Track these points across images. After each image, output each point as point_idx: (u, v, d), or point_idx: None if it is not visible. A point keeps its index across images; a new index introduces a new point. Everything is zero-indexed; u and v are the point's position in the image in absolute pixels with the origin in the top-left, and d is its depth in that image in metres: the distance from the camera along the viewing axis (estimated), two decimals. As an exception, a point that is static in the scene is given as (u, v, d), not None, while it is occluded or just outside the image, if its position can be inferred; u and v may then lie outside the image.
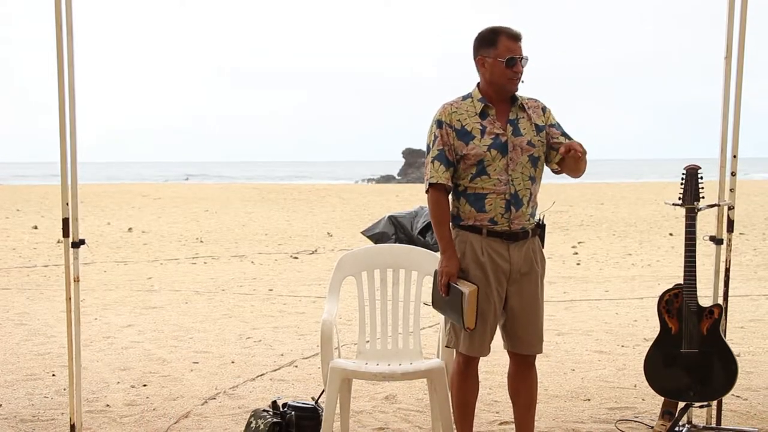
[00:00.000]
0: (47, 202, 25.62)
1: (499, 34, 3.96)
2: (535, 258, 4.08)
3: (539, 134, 4.04)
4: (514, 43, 3.96)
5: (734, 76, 4.77)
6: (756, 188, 31.57)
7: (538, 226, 4.11)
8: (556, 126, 4.10)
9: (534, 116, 4.07)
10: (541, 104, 4.12)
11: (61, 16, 4.50)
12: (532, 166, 4.03)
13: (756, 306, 8.96)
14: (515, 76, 3.97)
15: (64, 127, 4.56)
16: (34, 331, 7.78)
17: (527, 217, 4.04)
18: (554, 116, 4.13)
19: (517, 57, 3.95)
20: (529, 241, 4.06)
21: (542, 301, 4.13)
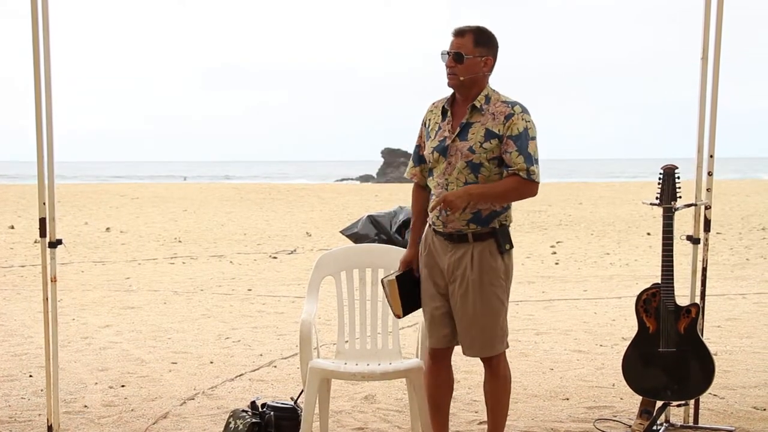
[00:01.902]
0: (24, 202, 25.45)
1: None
2: (474, 263, 3.95)
3: (489, 141, 3.89)
4: (452, 38, 3.99)
5: (710, 77, 4.80)
6: (733, 188, 31.82)
7: (491, 233, 3.97)
8: (515, 138, 3.88)
9: (491, 122, 3.92)
10: (510, 111, 3.91)
11: (37, 13, 4.47)
12: (471, 172, 3.93)
13: (733, 305, 9.03)
14: (447, 71, 3.98)
15: (40, 127, 4.54)
16: (10, 331, 7.73)
17: (464, 222, 3.96)
18: (521, 128, 3.88)
19: (443, 52, 3.97)
20: (473, 245, 3.96)
21: (485, 306, 3.97)
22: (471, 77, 3.95)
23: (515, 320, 8.32)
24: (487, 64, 3.99)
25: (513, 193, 3.91)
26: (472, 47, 3.94)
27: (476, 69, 3.95)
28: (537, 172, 3.89)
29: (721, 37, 4.74)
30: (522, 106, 3.96)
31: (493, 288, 3.98)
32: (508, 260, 4.02)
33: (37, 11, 4.47)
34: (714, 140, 4.84)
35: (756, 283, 10.75)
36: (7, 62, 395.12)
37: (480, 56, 3.95)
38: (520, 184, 3.88)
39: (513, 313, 8.72)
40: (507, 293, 4.05)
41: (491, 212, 3.96)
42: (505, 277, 4.02)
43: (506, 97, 4.00)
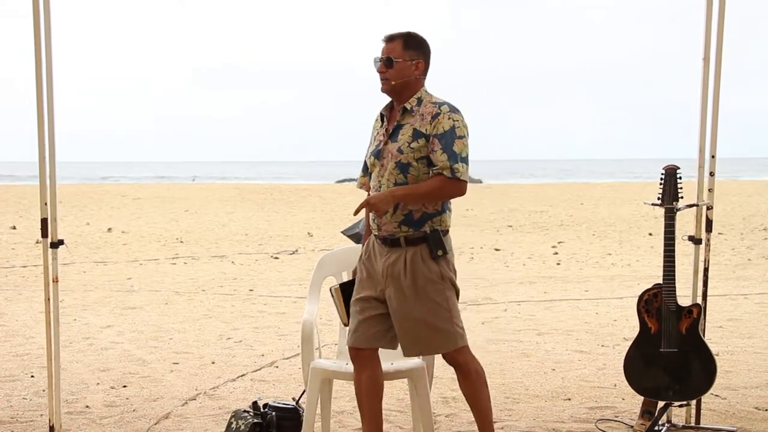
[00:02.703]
0: (25, 202, 25.46)
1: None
2: (407, 269, 3.95)
3: (416, 141, 3.91)
4: (382, 45, 4.05)
5: (712, 78, 4.80)
6: (734, 188, 31.81)
7: (423, 238, 3.96)
8: (440, 137, 3.88)
9: (419, 122, 3.94)
10: (437, 111, 3.93)
11: (38, 13, 4.48)
12: (401, 173, 3.94)
13: (734, 305, 9.02)
14: (380, 77, 4.03)
15: (42, 127, 4.54)
16: (12, 332, 7.73)
17: (396, 225, 3.97)
18: (447, 127, 3.89)
19: (375, 59, 4.03)
20: (405, 249, 3.96)
21: (423, 310, 3.96)
22: (402, 81, 4.00)
23: (517, 320, 8.33)
24: (419, 67, 4.02)
25: (437, 192, 3.90)
26: (401, 51, 4.00)
27: (407, 72, 4.00)
28: (462, 171, 3.87)
29: (723, 37, 4.74)
30: (450, 106, 3.97)
31: (428, 293, 3.96)
32: (444, 264, 3.99)
33: (39, 11, 4.48)
34: (716, 140, 4.84)
35: (758, 283, 10.75)
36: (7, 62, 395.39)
37: (410, 60, 4.00)
38: (445, 183, 3.87)
39: (515, 313, 8.73)
40: (449, 292, 4.01)
41: (423, 214, 3.95)
42: (440, 280, 3.98)
43: (438, 98, 4.03)
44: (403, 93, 4.02)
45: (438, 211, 3.98)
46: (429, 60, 4.08)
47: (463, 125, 3.95)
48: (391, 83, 4.00)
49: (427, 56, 4.07)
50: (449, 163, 3.86)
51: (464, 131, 3.94)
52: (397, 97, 4.04)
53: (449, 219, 4.05)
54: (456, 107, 3.98)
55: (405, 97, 4.02)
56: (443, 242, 3.99)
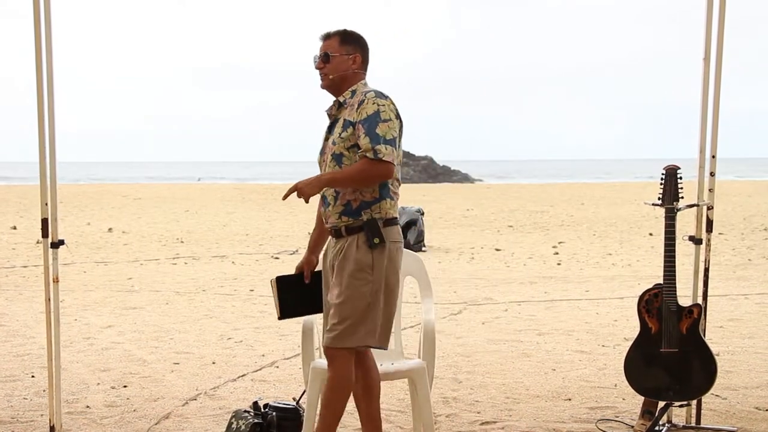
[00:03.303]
0: (26, 203, 25.46)
1: None
2: (342, 254, 3.97)
3: (345, 130, 3.97)
4: (320, 43, 4.11)
5: (713, 78, 4.80)
6: (735, 188, 31.81)
7: (361, 226, 3.95)
8: (363, 122, 3.91)
9: (348, 112, 4.00)
10: (363, 98, 3.96)
11: (39, 14, 4.48)
12: (336, 164, 4.00)
13: (735, 305, 9.02)
14: (319, 74, 4.09)
15: (42, 127, 4.54)
16: (13, 332, 7.73)
17: (337, 215, 4.01)
18: (371, 111, 3.91)
19: (314, 57, 4.09)
20: (347, 239, 3.98)
21: (343, 296, 3.93)
22: (340, 75, 4.05)
23: (517, 321, 8.33)
24: (356, 61, 4.07)
25: (362, 174, 3.90)
26: (338, 46, 4.06)
27: (344, 66, 4.05)
28: (385, 152, 3.86)
29: (723, 37, 4.74)
30: (377, 92, 3.98)
31: (356, 281, 3.92)
32: (379, 256, 3.94)
33: (39, 11, 4.48)
34: (716, 141, 4.84)
35: (758, 283, 10.75)
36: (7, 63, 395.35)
37: (347, 54, 4.06)
38: (368, 165, 3.88)
39: (515, 313, 8.73)
40: (376, 287, 3.93)
41: (361, 203, 3.97)
42: (371, 272, 3.92)
43: (369, 88, 4.06)
44: (342, 87, 4.07)
45: (376, 198, 3.97)
46: (367, 55, 4.14)
47: (390, 110, 3.95)
48: (329, 78, 4.06)
49: (365, 51, 4.12)
50: (371, 144, 3.86)
51: (390, 115, 3.93)
52: (336, 91, 4.09)
53: (390, 207, 4.00)
54: (384, 94, 3.99)
55: (342, 92, 4.07)
56: (381, 231, 3.94)
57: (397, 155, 3.96)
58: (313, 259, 4.34)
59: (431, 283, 4.84)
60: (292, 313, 4.32)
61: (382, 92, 4.01)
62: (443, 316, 8.47)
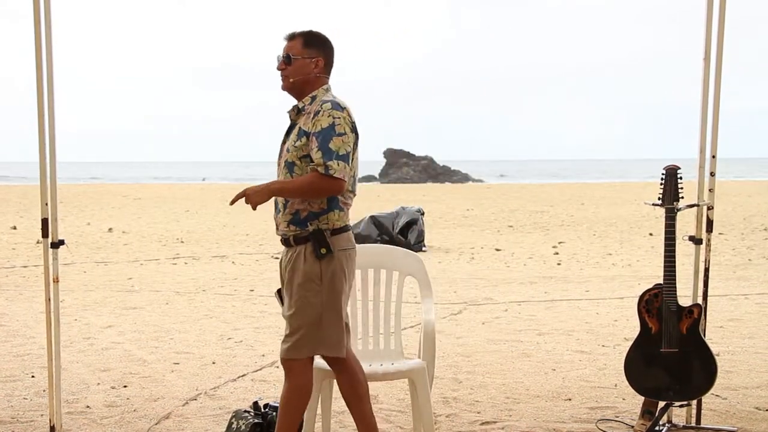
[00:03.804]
0: (26, 203, 25.47)
1: None
2: (291, 265, 3.95)
3: (300, 139, 3.90)
4: (284, 43, 4.04)
5: (713, 78, 4.80)
6: (735, 188, 31.81)
7: (308, 237, 3.92)
8: (317, 135, 3.84)
9: (304, 120, 3.94)
10: (319, 108, 3.90)
11: (39, 14, 4.48)
12: (288, 172, 3.96)
13: (735, 305, 9.02)
14: (280, 75, 4.03)
15: (42, 127, 4.54)
16: (13, 332, 7.73)
17: (285, 224, 3.99)
18: (326, 124, 3.84)
19: (277, 57, 4.02)
20: (295, 248, 3.96)
21: (293, 308, 3.93)
22: (301, 78, 3.99)
23: (517, 321, 8.33)
24: (318, 65, 4.00)
25: (311, 187, 3.85)
26: (301, 48, 3.99)
27: (306, 70, 3.98)
28: (337, 168, 3.80)
29: (723, 37, 4.74)
30: (334, 103, 3.90)
31: (305, 292, 3.91)
32: (327, 265, 3.91)
33: (39, 11, 4.48)
34: (716, 141, 4.83)
35: (758, 283, 10.75)
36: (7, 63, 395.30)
37: (310, 57, 3.99)
38: (318, 179, 3.82)
39: (515, 313, 8.73)
40: (326, 297, 3.91)
41: (308, 213, 3.93)
42: (320, 282, 3.90)
43: (328, 97, 3.97)
44: (303, 91, 4.01)
45: (324, 209, 3.93)
46: (331, 58, 4.05)
47: (346, 123, 3.88)
48: (290, 80, 4.00)
49: (329, 54, 4.04)
50: (323, 160, 3.81)
51: (345, 129, 3.87)
52: (297, 95, 4.03)
53: (338, 218, 3.95)
54: (341, 105, 3.91)
55: (304, 96, 4.01)
56: (328, 241, 3.91)
57: (351, 169, 3.91)
58: None
59: (431, 283, 4.84)
60: None
61: (339, 103, 3.92)
62: (443, 316, 8.48)
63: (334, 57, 4.07)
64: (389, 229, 15.10)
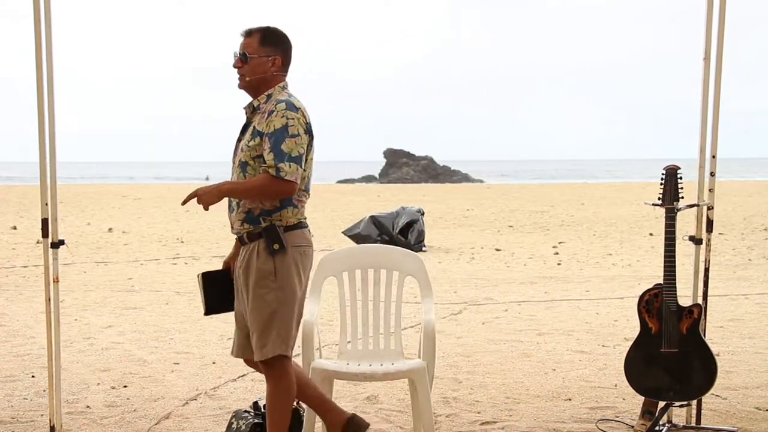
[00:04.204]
0: (26, 203, 25.47)
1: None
2: (245, 264, 3.95)
3: (253, 139, 3.87)
4: (241, 39, 3.99)
5: (713, 78, 4.80)
6: (735, 188, 31.81)
7: (260, 233, 3.91)
8: (270, 136, 3.81)
9: (259, 120, 3.90)
10: (273, 108, 3.86)
11: (39, 14, 4.48)
12: (241, 172, 3.93)
13: (735, 305, 9.02)
14: (237, 73, 3.99)
15: (42, 127, 4.54)
16: (13, 332, 7.73)
17: (239, 222, 3.96)
18: (279, 125, 3.82)
19: (234, 53, 3.97)
20: (249, 246, 3.95)
21: (252, 308, 3.92)
22: (258, 77, 3.95)
23: (517, 321, 8.33)
24: (275, 63, 3.96)
25: (261, 190, 3.83)
26: (257, 46, 3.94)
27: (263, 69, 3.94)
28: (288, 171, 3.78)
29: (723, 37, 4.74)
30: (289, 104, 3.86)
31: (260, 289, 3.90)
32: (281, 261, 3.90)
33: (39, 11, 4.48)
34: (716, 141, 4.83)
35: (758, 283, 10.75)
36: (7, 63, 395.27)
37: (267, 56, 3.94)
38: (269, 181, 3.80)
39: (515, 313, 8.73)
40: (281, 294, 3.90)
41: (261, 211, 3.91)
42: (275, 278, 3.89)
43: (284, 96, 3.94)
44: (260, 89, 3.97)
45: (276, 207, 3.90)
46: (289, 56, 4.01)
47: (299, 124, 3.84)
48: (246, 79, 3.96)
49: (286, 52, 4.00)
50: (275, 162, 3.78)
51: (299, 130, 3.84)
52: (254, 93, 3.99)
53: (292, 215, 3.95)
54: (296, 106, 3.87)
55: (260, 94, 3.97)
56: (281, 237, 3.89)
57: (304, 170, 3.89)
58: (236, 255, 4.23)
59: (431, 283, 4.84)
60: (218, 309, 4.27)
61: (294, 103, 3.88)
62: (443, 316, 8.47)
63: (291, 54, 4.04)
64: (389, 229, 15.10)
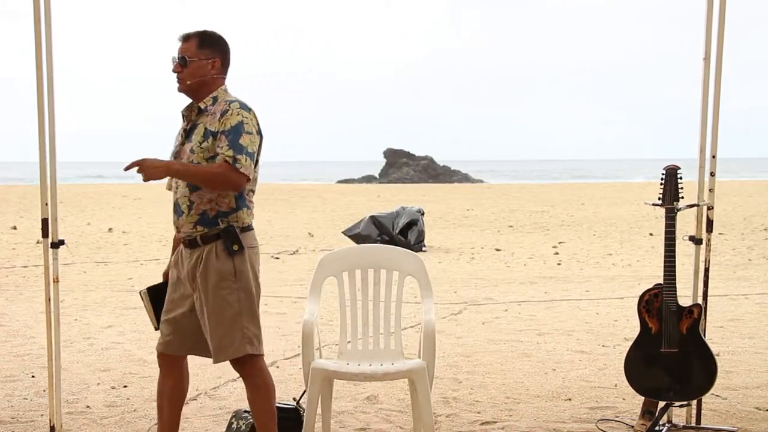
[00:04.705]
0: (26, 203, 25.47)
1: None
2: (202, 267, 3.92)
3: (206, 140, 3.87)
4: (179, 44, 4.00)
5: (713, 78, 4.80)
6: (735, 188, 31.80)
7: (217, 235, 3.92)
8: (227, 133, 3.83)
9: (210, 121, 3.90)
10: (227, 108, 3.89)
11: (39, 14, 4.48)
12: None
13: (735, 305, 9.02)
14: (176, 78, 3.99)
15: (42, 127, 4.54)
16: (13, 332, 7.73)
17: (191, 225, 3.94)
18: (235, 122, 3.84)
19: (172, 58, 3.99)
20: (203, 248, 3.93)
21: (215, 310, 3.92)
22: (198, 80, 3.95)
23: (517, 321, 8.33)
24: (215, 66, 3.98)
25: (215, 178, 3.81)
26: (196, 50, 3.96)
27: (203, 71, 3.95)
28: (244, 164, 3.79)
29: (723, 37, 4.74)
30: (241, 103, 3.91)
31: (221, 291, 3.90)
32: (240, 261, 3.92)
33: (39, 11, 4.48)
34: (716, 141, 4.83)
35: (758, 283, 10.75)
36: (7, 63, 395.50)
37: (206, 59, 3.96)
38: (223, 169, 3.79)
39: (515, 313, 8.73)
40: (243, 293, 3.93)
41: (217, 212, 3.91)
42: (236, 279, 3.91)
43: (231, 96, 3.98)
44: (200, 92, 3.98)
45: (233, 208, 3.92)
46: (227, 58, 4.04)
47: (253, 124, 3.89)
48: (186, 83, 3.96)
49: (225, 54, 4.03)
50: (233, 152, 3.79)
51: (253, 129, 3.88)
52: (195, 96, 3.99)
53: (247, 216, 3.97)
54: (248, 106, 3.92)
55: (202, 97, 3.98)
56: (239, 238, 3.91)
57: (255, 171, 3.92)
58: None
59: (431, 283, 4.84)
60: None
61: (246, 104, 3.93)
62: (443, 316, 8.48)
63: (230, 56, 4.06)
64: (389, 229, 15.10)
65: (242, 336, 3.93)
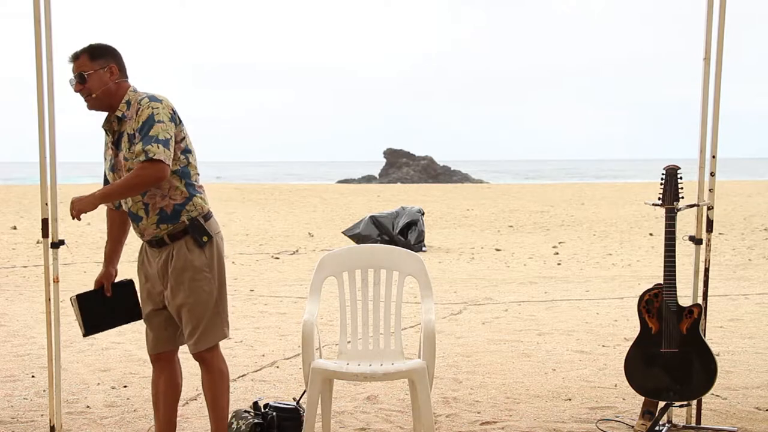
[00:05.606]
0: (26, 203, 25.47)
1: None
2: (174, 263, 4.01)
3: (133, 145, 3.90)
4: (71, 66, 4.01)
5: (713, 78, 4.80)
6: (735, 188, 31.80)
7: (184, 231, 3.99)
8: (140, 129, 3.86)
9: (130, 125, 3.93)
10: (138, 106, 3.92)
11: (39, 14, 4.48)
12: None
13: (735, 305, 9.02)
14: (82, 97, 4.00)
15: (43, 127, 4.54)
16: (13, 332, 7.73)
17: (155, 226, 4.00)
18: (146, 116, 3.87)
19: (69, 81, 4.01)
20: (172, 246, 4.02)
21: (192, 302, 4.03)
22: (103, 90, 3.97)
23: (517, 321, 8.33)
24: (113, 71, 3.99)
25: (134, 180, 3.83)
26: (90, 63, 3.97)
27: (104, 80, 3.97)
28: (156, 151, 3.80)
29: (724, 37, 4.74)
30: (150, 96, 3.95)
31: (197, 282, 4.01)
32: (210, 251, 4.04)
33: (39, 11, 4.48)
34: (716, 141, 4.84)
35: (758, 283, 10.75)
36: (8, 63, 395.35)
37: (101, 68, 3.98)
38: (139, 168, 3.81)
39: (515, 313, 8.73)
40: (216, 282, 4.07)
41: (174, 207, 3.97)
42: (209, 269, 4.04)
43: (142, 93, 4.00)
44: (112, 102, 3.99)
45: (187, 198, 3.99)
46: (122, 62, 4.05)
47: (165, 113, 3.89)
48: (92, 97, 3.98)
49: (118, 59, 4.04)
50: (142, 146, 3.81)
51: (165, 117, 3.88)
52: (108, 107, 4.01)
53: (203, 201, 4.05)
54: (157, 97, 3.95)
55: (115, 106, 3.99)
56: (206, 228, 4.02)
57: (186, 158, 3.98)
58: (112, 272, 4.39)
59: (431, 283, 4.84)
60: (97, 328, 4.34)
61: (155, 95, 3.96)
62: (443, 316, 8.48)
63: (123, 60, 4.08)
64: (389, 229, 15.10)
65: (221, 321, 4.14)
